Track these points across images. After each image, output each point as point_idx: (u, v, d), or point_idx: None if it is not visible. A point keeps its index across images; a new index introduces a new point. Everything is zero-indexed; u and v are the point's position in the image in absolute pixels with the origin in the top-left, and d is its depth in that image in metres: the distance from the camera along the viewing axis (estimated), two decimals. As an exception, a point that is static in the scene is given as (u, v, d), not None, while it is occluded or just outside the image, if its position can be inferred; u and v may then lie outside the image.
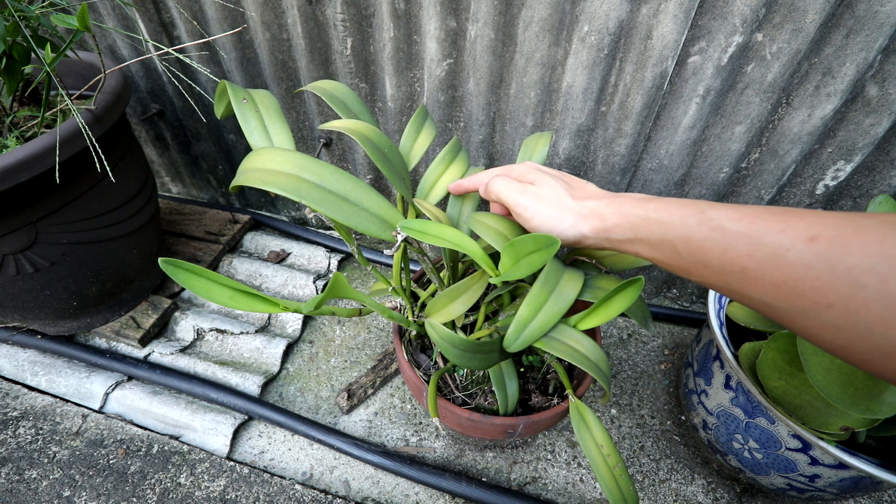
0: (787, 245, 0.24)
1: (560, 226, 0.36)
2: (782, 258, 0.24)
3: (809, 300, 0.23)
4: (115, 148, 0.65)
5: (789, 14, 0.52)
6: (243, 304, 0.38)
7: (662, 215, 0.31)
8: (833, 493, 0.52)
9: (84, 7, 0.43)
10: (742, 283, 0.26)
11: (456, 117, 0.73)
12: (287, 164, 0.35)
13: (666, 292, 0.90)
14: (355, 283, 0.96)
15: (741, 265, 0.26)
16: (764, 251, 0.25)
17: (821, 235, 0.23)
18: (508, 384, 0.54)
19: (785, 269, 0.23)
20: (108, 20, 0.80)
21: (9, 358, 0.77)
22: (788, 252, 0.23)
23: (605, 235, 0.35)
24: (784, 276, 0.24)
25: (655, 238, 0.31)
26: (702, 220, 0.28)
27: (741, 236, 0.26)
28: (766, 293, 0.25)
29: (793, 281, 0.23)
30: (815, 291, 0.22)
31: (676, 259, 0.30)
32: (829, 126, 0.60)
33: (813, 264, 0.22)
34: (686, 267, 0.29)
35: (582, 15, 0.57)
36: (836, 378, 0.45)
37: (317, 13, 0.68)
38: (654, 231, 0.31)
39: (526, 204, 0.38)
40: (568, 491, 0.67)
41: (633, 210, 0.33)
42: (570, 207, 0.36)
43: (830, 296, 0.22)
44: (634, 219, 0.33)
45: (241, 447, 0.70)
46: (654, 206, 0.32)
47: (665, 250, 0.30)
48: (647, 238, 0.31)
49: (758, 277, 0.25)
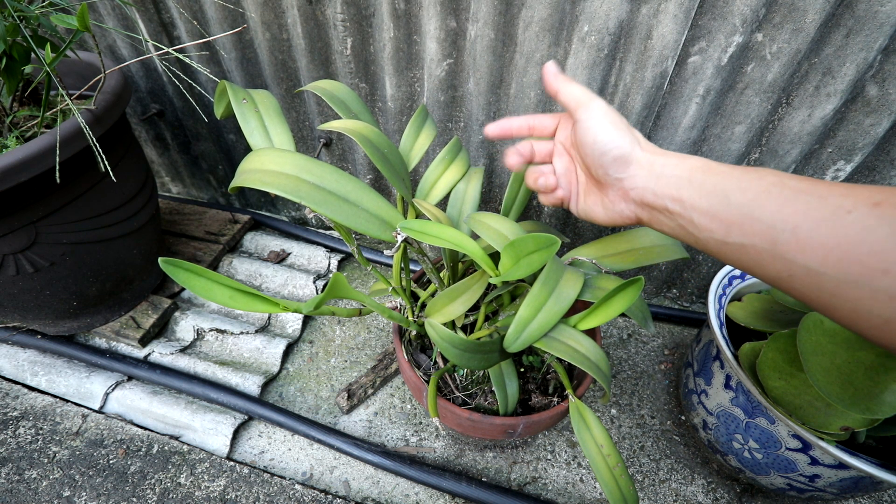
0: (849, 207, 0.23)
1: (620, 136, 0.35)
2: (841, 219, 0.23)
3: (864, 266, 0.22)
4: (115, 148, 0.65)
5: (789, 14, 0.52)
6: (243, 304, 0.38)
7: (721, 167, 0.30)
8: (833, 493, 0.52)
9: (84, 7, 0.43)
10: (790, 242, 0.25)
11: (456, 117, 0.73)
12: (287, 165, 0.35)
13: (666, 292, 0.90)
14: (355, 283, 0.96)
15: (794, 223, 0.25)
16: (823, 210, 0.24)
17: (886, 201, 0.22)
18: (508, 384, 0.54)
19: (842, 229, 0.23)
20: (108, 20, 0.80)
21: (9, 358, 0.77)
22: (850, 214, 0.23)
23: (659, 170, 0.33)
24: (839, 237, 0.23)
25: (709, 184, 0.30)
26: (761, 175, 0.28)
27: (802, 193, 0.25)
28: (814, 257, 0.24)
29: (848, 244, 0.23)
30: (872, 256, 0.22)
31: (724, 208, 0.28)
32: (829, 126, 0.60)
33: (874, 227, 0.22)
34: (731, 218, 0.28)
35: (582, 15, 0.57)
36: (836, 378, 0.45)
37: (317, 13, 0.68)
38: (709, 177, 0.30)
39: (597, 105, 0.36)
40: (568, 491, 0.67)
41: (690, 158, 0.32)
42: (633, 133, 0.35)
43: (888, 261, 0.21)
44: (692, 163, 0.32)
45: (241, 447, 0.70)
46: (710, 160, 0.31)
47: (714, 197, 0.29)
48: (701, 182, 0.30)
49: (810, 237, 0.24)
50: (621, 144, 0.35)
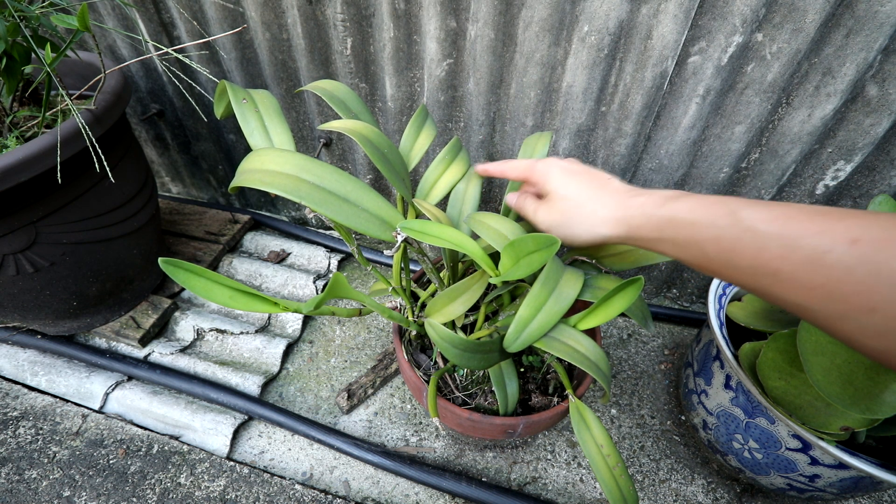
0: (825, 248, 0.23)
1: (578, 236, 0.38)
2: (820, 261, 0.23)
3: (850, 304, 0.22)
4: (115, 148, 0.65)
5: (789, 14, 0.52)
6: (243, 304, 0.38)
7: (690, 215, 0.30)
8: (833, 493, 0.52)
9: (84, 7, 0.43)
10: (774, 285, 0.25)
11: (456, 117, 0.73)
12: (287, 165, 0.35)
13: (666, 292, 0.90)
14: (355, 283, 0.96)
15: (774, 267, 0.25)
16: (800, 254, 0.24)
17: (863, 238, 0.22)
18: (508, 384, 0.54)
19: (823, 271, 0.23)
20: (108, 20, 0.80)
21: (9, 358, 0.77)
22: (827, 255, 0.23)
23: (629, 235, 0.34)
24: (822, 278, 0.23)
25: (682, 239, 0.30)
26: (733, 221, 0.27)
27: (775, 238, 0.25)
28: (801, 296, 0.24)
29: (831, 284, 0.22)
30: (857, 295, 0.22)
31: (705, 260, 0.29)
32: (829, 126, 0.60)
33: (854, 267, 0.22)
34: (714, 268, 0.29)
35: (582, 15, 0.57)
36: (836, 378, 0.45)
37: (317, 13, 0.68)
38: (680, 232, 0.30)
39: (542, 218, 0.40)
40: (568, 491, 0.67)
41: (658, 211, 0.32)
42: (588, 213, 0.37)
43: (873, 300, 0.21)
44: (660, 220, 0.32)
45: (241, 447, 0.70)
46: (680, 206, 0.31)
47: (693, 251, 0.30)
48: (674, 238, 0.31)
49: (792, 280, 0.24)
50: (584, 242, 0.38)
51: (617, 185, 0.38)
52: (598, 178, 0.39)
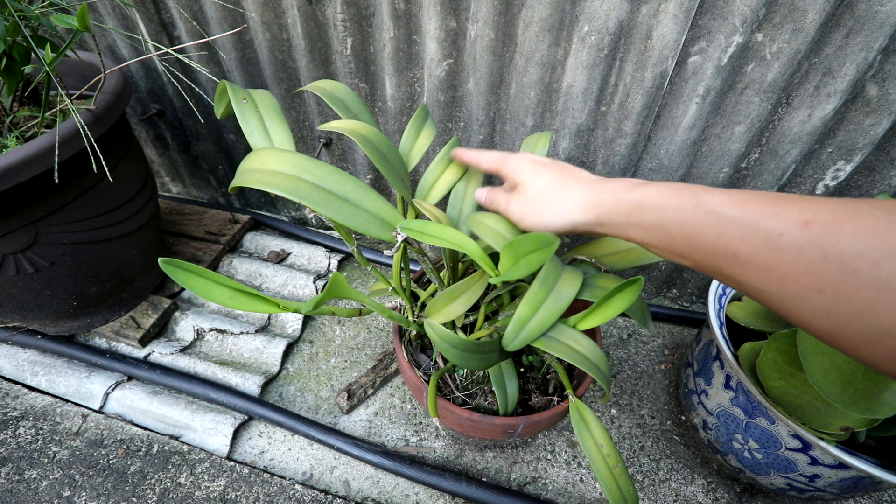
0: (780, 229, 0.24)
1: (549, 221, 0.38)
2: (775, 243, 0.24)
3: (801, 285, 0.23)
4: (115, 148, 0.65)
5: (789, 14, 0.52)
6: (243, 304, 0.38)
7: (657, 200, 0.31)
8: (833, 493, 0.52)
9: (84, 7, 0.43)
10: (734, 267, 0.26)
11: (456, 117, 0.73)
12: (287, 165, 0.35)
13: (666, 292, 0.90)
14: (355, 283, 0.96)
15: (734, 250, 0.26)
16: (757, 236, 0.25)
17: (814, 220, 0.23)
18: (508, 384, 0.54)
19: (777, 253, 0.24)
20: (108, 20, 0.80)
21: (9, 358, 0.77)
22: (781, 237, 0.23)
23: (598, 221, 0.35)
24: (776, 260, 0.24)
25: (649, 222, 0.31)
26: (696, 204, 0.28)
27: (735, 221, 0.26)
28: (758, 278, 0.25)
29: (784, 265, 0.23)
30: (807, 276, 0.22)
31: (670, 243, 0.30)
32: (829, 126, 0.60)
33: (805, 249, 0.22)
34: (679, 251, 0.30)
35: (582, 15, 0.57)
36: (835, 378, 0.45)
37: (317, 13, 0.68)
38: (647, 216, 0.31)
39: (514, 209, 0.41)
40: (568, 491, 0.67)
41: (626, 196, 0.33)
42: (557, 201, 0.38)
43: (821, 280, 0.22)
44: (627, 205, 0.33)
45: (241, 447, 0.70)
46: (647, 191, 0.32)
47: (659, 234, 0.31)
48: (641, 223, 0.32)
49: (750, 262, 0.25)
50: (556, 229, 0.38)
51: (586, 176, 0.39)
52: (568, 168, 0.40)
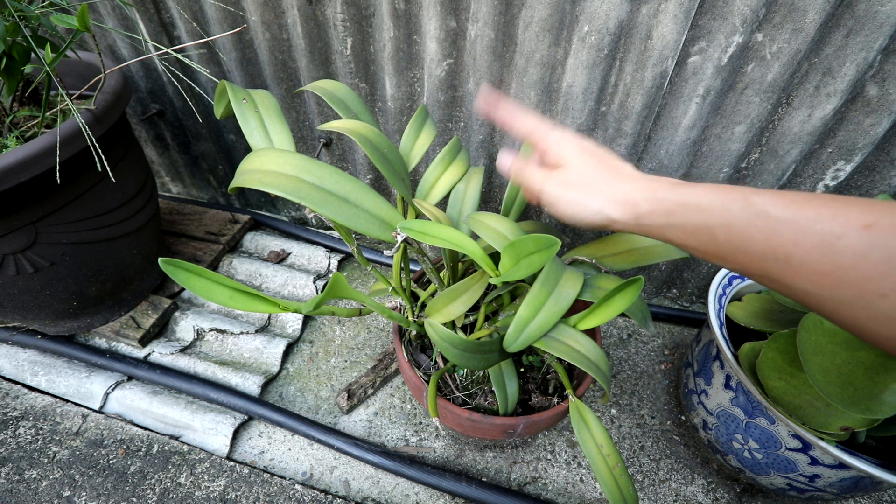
0: (838, 232, 0.23)
1: (586, 210, 0.35)
2: (833, 246, 0.23)
3: (860, 289, 0.22)
4: (115, 148, 0.65)
5: (789, 14, 0.52)
6: (243, 304, 0.38)
7: (701, 201, 0.30)
8: (833, 493, 0.52)
9: (84, 7, 0.43)
10: (784, 270, 0.25)
11: (456, 117, 0.73)
12: (287, 165, 0.35)
13: (666, 292, 0.90)
14: (355, 283, 0.96)
15: (785, 252, 0.25)
16: (812, 238, 0.24)
17: (877, 223, 0.22)
18: (508, 384, 0.54)
19: (834, 257, 0.23)
20: (108, 20, 0.80)
21: (9, 358, 0.77)
22: (840, 240, 0.23)
23: (637, 221, 0.33)
24: (833, 264, 0.23)
25: (692, 224, 0.30)
26: (745, 205, 0.27)
27: (788, 223, 0.25)
28: (810, 282, 0.24)
29: (842, 270, 0.22)
30: (868, 280, 0.22)
31: (713, 246, 0.29)
32: (829, 126, 0.60)
33: (867, 252, 0.22)
34: (723, 254, 0.28)
35: (582, 15, 0.57)
36: (835, 378, 0.45)
37: (317, 13, 0.68)
38: (690, 217, 0.30)
39: (550, 190, 0.37)
40: (568, 491, 0.67)
41: (669, 195, 0.32)
42: (598, 191, 0.35)
43: (884, 285, 0.21)
44: (670, 204, 0.31)
45: (241, 447, 0.70)
46: (690, 192, 0.31)
47: (702, 237, 0.29)
48: (683, 224, 0.30)
49: (802, 265, 0.24)
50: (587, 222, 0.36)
51: (630, 171, 0.36)
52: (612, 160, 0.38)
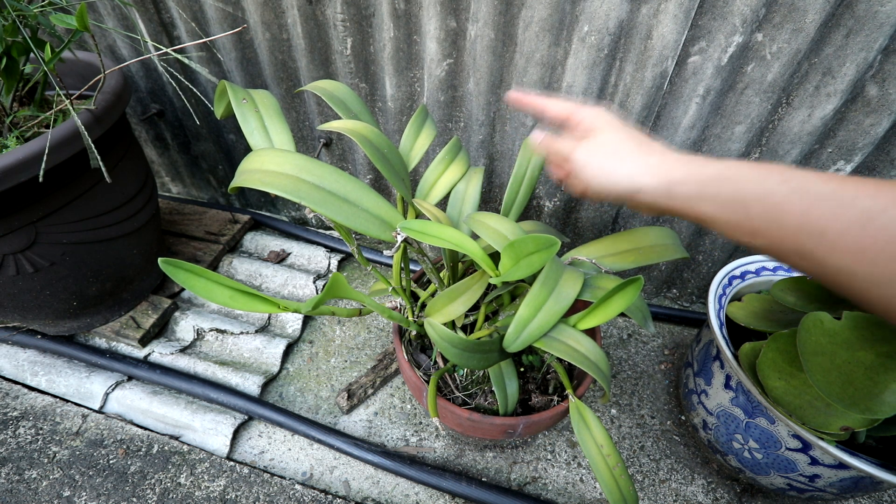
0: (880, 208, 0.23)
1: (615, 175, 0.35)
2: (873, 221, 0.23)
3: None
4: (115, 148, 0.65)
5: (789, 14, 0.52)
6: (243, 305, 0.38)
7: (737, 173, 0.29)
8: (833, 493, 0.52)
9: (83, 7, 0.43)
10: (819, 246, 0.25)
11: (456, 117, 0.73)
12: (287, 165, 0.35)
13: (666, 292, 0.90)
14: (355, 283, 0.96)
15: (822, 227, 0.25)
16: (851, 213, 0.24)
17: None
18: (508, 384, 0.54)
19: (873, 231, 0.23)
20: (108, 20, 0.80)
21: (9, 358, 0.77)
22: (882, 214, 0.23)
23: (668, 189, 0.33)
24: (871, 239, 0.23)
25: (726, 195, 0.29)
26: (784, 179, 0.27)
27: (827, 198, 0.25)
28: (846, 258, 0.24)
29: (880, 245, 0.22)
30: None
31: (745, 219, 0.29)
32: (829, 126, 0.60)
33: None
34: (754, 228, 0.28)
35: (582, 15, 0.57)
36: (836, 378, 0.45)
37: (317, 13, 0.68)
38: (725, 189, 0.30)
39: (580, 156, 0.37)
40: (568, 491, 0.67)
41: (703, 167, 0.32)
42: (630, 158, 0.35)
43: None
44: (704, 175, 0.31)
45: (241, 447, 0.70)
46: (726, 165, 0.31)
47: (734, 208, 0.29)
48: (716, 195, 0.30)
49: (839, 239, 0.24)
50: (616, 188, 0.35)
51: (660, 146, 0.36)
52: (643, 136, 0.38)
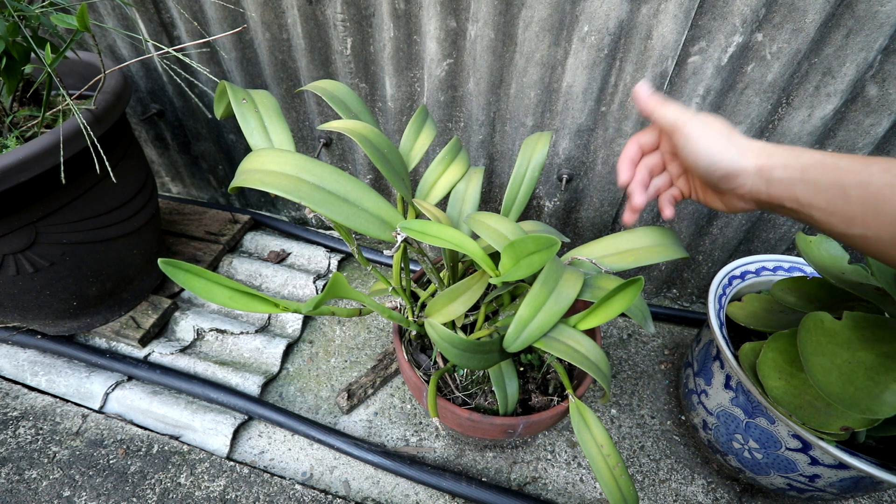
0: None
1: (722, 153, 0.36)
2: None
3: None
4: (115, 148, 0.65)
5: (789, 14, 0.52)
6: (243, 305, 0.38)
7: (838, 161, 0.30)
8: (833, 493, 0.52)
9: (83, 7, 0.43)
10: None
11: (456, 117, 0.73)
12: (286, 165, 0.35)
13: (666, 292, 0.90)
14: (355, 283, 0.96)
15: None
16: None
17: None
18: (508, 384, 0.54)
19: None
20: (108, 20, 0.80)
21: (9, 358, 0.77)
22: None
23: (769, 174, 0.34)
24: None
25: (826, 181, 0.30)
26: (886, 167, 0.28)
27: None
28: None
29: None
30: None
31: (843, 205, 0.29)
32: (829, 126, 0.60)
33: None
34: (851, 214, 0.29)
35: (582, 15, 0.57)
36: (835, 378, 0.45)
37: (317, 13, 0.68)
38: (825, 174, 0.30)
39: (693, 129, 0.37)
40: (568, 491, 0.67)
41: (804, 154, 0.33)
42: (737, 143, 0.36)
43: None
44: (806, 160, 0.32)
45: (241, 447, 0.70)
46: (826, 154, 0.32)
47: (831, 195, 0.30)
48: (817, 180, 0.31)
49: None
50: (723, 164, 0.36)
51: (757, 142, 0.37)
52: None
